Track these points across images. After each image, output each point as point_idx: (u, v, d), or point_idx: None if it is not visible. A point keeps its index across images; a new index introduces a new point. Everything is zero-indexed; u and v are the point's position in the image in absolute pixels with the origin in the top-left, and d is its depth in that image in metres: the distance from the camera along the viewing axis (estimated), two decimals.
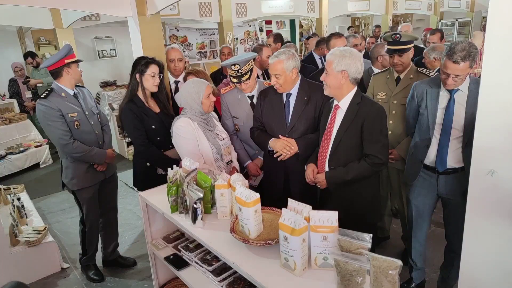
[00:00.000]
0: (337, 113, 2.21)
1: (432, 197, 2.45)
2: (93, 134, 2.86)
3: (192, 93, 2.41)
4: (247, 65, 2.58)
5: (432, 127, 2.29)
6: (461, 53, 2.03)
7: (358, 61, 2.08)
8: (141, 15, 3.09)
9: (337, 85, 2.12)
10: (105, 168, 2.94)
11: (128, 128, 2.74)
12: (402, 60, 2.70)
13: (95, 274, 3.13)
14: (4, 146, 5.82)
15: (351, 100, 2.15)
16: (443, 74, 2.16)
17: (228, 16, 6.93)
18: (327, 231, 1.39)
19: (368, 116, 2.10)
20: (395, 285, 1.19)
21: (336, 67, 2.07)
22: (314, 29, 9.94)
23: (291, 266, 1.42)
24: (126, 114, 2.70)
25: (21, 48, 7.65)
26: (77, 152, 2.72)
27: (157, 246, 2.28)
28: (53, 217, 4.28)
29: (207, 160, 2.46)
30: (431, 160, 2.34)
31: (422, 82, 2.41)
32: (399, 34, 2.68)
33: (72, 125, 2.72)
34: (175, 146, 2.52)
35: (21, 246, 3.12)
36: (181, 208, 1.93)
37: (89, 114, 2.84)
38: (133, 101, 2.72)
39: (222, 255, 1.60)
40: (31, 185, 5.10)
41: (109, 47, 8.89)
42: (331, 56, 2.11)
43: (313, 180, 2.32)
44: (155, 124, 2.74)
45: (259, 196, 1.58)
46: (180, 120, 2.45)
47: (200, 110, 2.44)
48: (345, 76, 2.08)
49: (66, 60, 2.68)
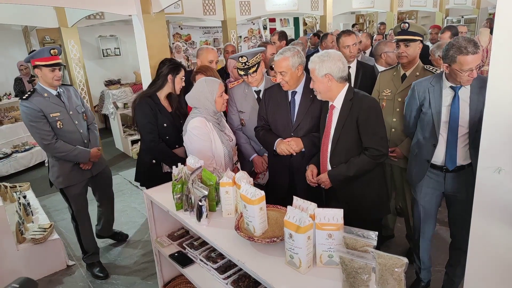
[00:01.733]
0: (333, 113, 2.25)
1: (439, 196, 2.44)
2: (77, 133, 2.89)
3: (206, 92, 2.38)
4: (255, 58, 2.60)
5: (438, 126, 2.27)
6: (470, 43, 2.02)
7: (338, 61, 2.12)
8: (145, 13, 3.10)
9: (326, 89, 2.17)
10: (90, 166, 2.99)
11: (141, 121, 2.75)
12: (407, 51, 2.66)
13: (99, 271, 3.16)
14: (10, 144, 5.86)
15: (344, 98, 2.19)
16: (464, 72, 2.06)
17: (232, 14, 6.92)
18: (332, 228, 1.38)
19: (361, 110, 2.13)
20: (400, 283, 1.19)
21: (319, 73, 2.13)
22: (318, 26, 9.90)
23: (296, 263, 1.42)
24: (142, 108, 2.74)
25: (27, 47, 7.68)
26: (59, 152, 2.77)
27: (161, 243, 2.29)
28: (58, 215, 4.31)
29: (218, 162, 2.44)
30: (439, 159, 2.32)
31: (423, 80, 2.38)
32: (407, 23, 2.68)
33: (55, 125, 2.76)
34: (186, 144, 2.48)
35: (27, 243, 3.14)
36: (186, 206, 1.94)
37: (73, 114, 2.88)
38: (150, 97, 2.77)
39: (227, 253, 1.61)
40: (37, 183, 5.13)
41: (113, 45, 8.90)
42: (311, 64, 2.17)
43: (313, 181, 2.34)
44: (167, 123, 2.78)
45: (264, 193, 1.58)
46: (197, 120, 2.39)
47: (214, 109, 2.41)
48: (330, 78, 2.13)
49: (36, 62, 2.71)
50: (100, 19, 6.44)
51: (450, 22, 11.79)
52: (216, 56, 3.40)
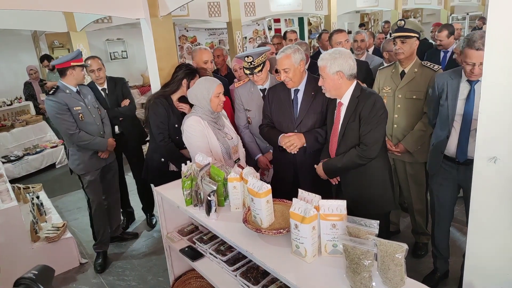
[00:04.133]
0: (341, 110, 2.30)
1: (453, 188, 2.49)
2: (95, 125, 3.24)
3: (203, 89, 2.46)
4: (260, 58, 2.68)
5: (451, 118, 2.33)
6: (481, 40, 2.06)
7: (349, 59, 2.16)
8: (153, 17, 3.17)
9: (336, 86, 2.21)
10: (107, 155, 3.33)
11: (154, 121, 2.83)
12: (403, 47, 2.72)
13: (98, 265, 3.31)
14: (21, 147, 5.99)
15: (351, 95, 2.23)
16: (467, 65, 2.17)
17: (237, 15, 6.99)
18: (336, 219, 1.45)
19: (365, 106, 2.18)
20: (401, 268, 1.25)
21: (331, 70, 2.16)
22: (323, 26, 9.94)
23: (302, 253, 1.48)
24: (156, 107, 2.83)
25: (36, 52, 7.84)
26: (82, 141, 3.11)
27: (172, 239, 2.36)
28: (70, 215, 4.41)
29: (217, 158, 2.52)
30: (451, 151, 2.38)
31: (444, 73, 2.45)
32: (404, 20, 2.75)
33: (77, 117, 3.11)
34: (186, 143, 2.57)
35: (41, 242, 3.24)
36: (196, 201, 2.01)
37: (91, 108, 3.23)
38: (165, 98, 2.88)
39: (235, 244, 1.67)
40: (48, 184, 5.24)
41: (121, 49, 9.04)
42: (322, 61, 2.19)
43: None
44: (178, 124, 2.86)
45: (270, 187, 1.65)
46: (191, 118, 2.49)
47: (209, 108, 2.48)
48: (341, 76, 2.17)
49: (72, 63, 3.09)
50: (108, 23, 6.55)
51: (455, 19, 11.74)
52: (210, 56, 3.43)
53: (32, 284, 1.00)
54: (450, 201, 2.54)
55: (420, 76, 2.75)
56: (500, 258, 1.48)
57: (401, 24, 2.74)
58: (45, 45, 8.00)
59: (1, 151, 5.78)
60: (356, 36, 4.09)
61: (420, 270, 2.89)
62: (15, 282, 1.02)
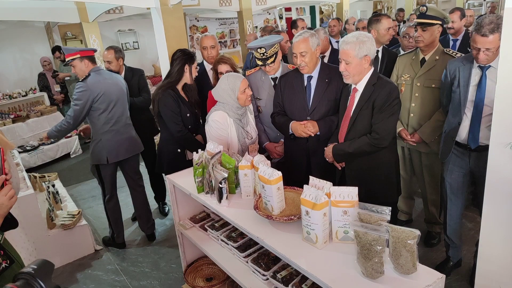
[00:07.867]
0: (355, 96, 2.27)
1: (465, 174, 2.47)
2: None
3: (228, 90, 2.41)
4: (273, 49, 2.64)
5: (463, 105, 2.30)
6: (489, 26, 2.03)
7: (374, 43, 2.15)
8: (163, 5, 3.18)
9: (360, 71, 2.18)
10: None
11: (167, 113, 2.83)
12: (424, 35, 2.64)
13: (115, 244, 3.44)
14: (36, 137, 6.09)
15: (368, 81, 2.21)
16: (474, 50, 2.16)
17: (248, 4, 6.95)
18: (347, 205, 1.44)
19: (379, 95, 2.16)
20: (413, 254, 1.24)
21: (358, 54, 2.11)
22: (334, 14, 9.79)
23: (312, 239, 1.49)
24: (166, 100, 2.81)
25: (49, 43, 7.92)
26: None
27: (184, 226, 2.39)
28: (85, 203, 4.49)
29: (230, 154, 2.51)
30: (463, 137, 2.35)
31: (455, 60, 2.41)
32: (426, 6, 2.65)
33: None
34: (206, 133, 2.55)
35: (57, 229, 3.31)
36: (207, 189, 2.02)
37: None
38: (172, 89, 2.86)
39: (247, 230, 1.69)
40: (63, 173, 5.34)
41: (132, 39, 9.08)
42: (348, 45, 2.11)
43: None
44: (189, 112, 2.88)
45: (281, 174, 1.65)
46: (218, 114, 2.45)
47: (237, 105, 2.45)
48: (367, 60, 2.13)
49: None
50: (119, 13, 6.58)
51: (472, 6, 11.44)
52: (214, 40, 3.39)
53: (31, 279, 0.97)
54: (462, 187, 2.51)
55: (441, 64, 2.65)
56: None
57: (423, 10, 2.63)
58: (58, 37, 8.08)
59: (17, 141, 5.90)
60: (358, 24, 3.99)
61: (433, 259, 2.87)
62: (13, 277, 0.99)
